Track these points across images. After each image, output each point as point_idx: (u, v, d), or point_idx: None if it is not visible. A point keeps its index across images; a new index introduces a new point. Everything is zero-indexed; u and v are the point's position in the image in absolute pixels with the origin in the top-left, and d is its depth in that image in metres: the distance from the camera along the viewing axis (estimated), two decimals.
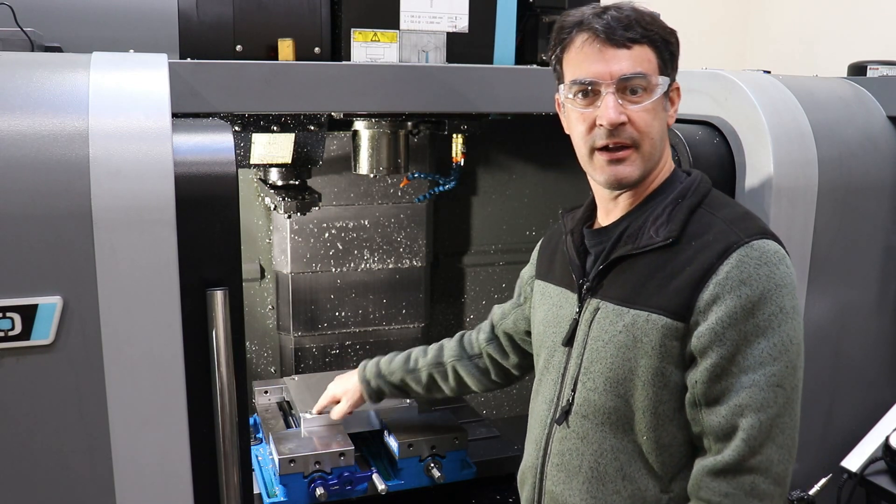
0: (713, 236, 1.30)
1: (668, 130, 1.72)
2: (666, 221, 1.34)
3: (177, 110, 1.38)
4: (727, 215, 1.34)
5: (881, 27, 4.04)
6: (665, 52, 1.36)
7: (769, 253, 1.28)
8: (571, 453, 1.41)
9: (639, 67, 1.32)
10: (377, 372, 1.92)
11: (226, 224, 1.34)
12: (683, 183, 1.40)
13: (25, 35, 1.68)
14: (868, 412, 1.84)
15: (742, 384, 1.26)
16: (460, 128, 2.11)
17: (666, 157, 1.43)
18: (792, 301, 1.29)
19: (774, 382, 1.26)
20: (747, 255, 1.27)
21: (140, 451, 1.31)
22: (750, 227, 1.32)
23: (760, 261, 1.27)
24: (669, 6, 3.06)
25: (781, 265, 1.29)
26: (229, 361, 1.34)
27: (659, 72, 1.35)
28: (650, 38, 1.34)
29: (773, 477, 1.26)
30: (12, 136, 1.21)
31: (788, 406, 1.28)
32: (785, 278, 1.28)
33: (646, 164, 1.36)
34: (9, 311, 1.21)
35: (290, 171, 2.23)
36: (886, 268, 1.84)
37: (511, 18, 1.95)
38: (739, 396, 1.26)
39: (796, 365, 1.29)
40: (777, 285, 1.27)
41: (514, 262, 2.82)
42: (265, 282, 2.58)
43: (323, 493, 1.91)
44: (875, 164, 1.78)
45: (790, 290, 1.29)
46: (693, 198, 1.36)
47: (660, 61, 1.35)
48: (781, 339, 1.27)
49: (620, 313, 1.35)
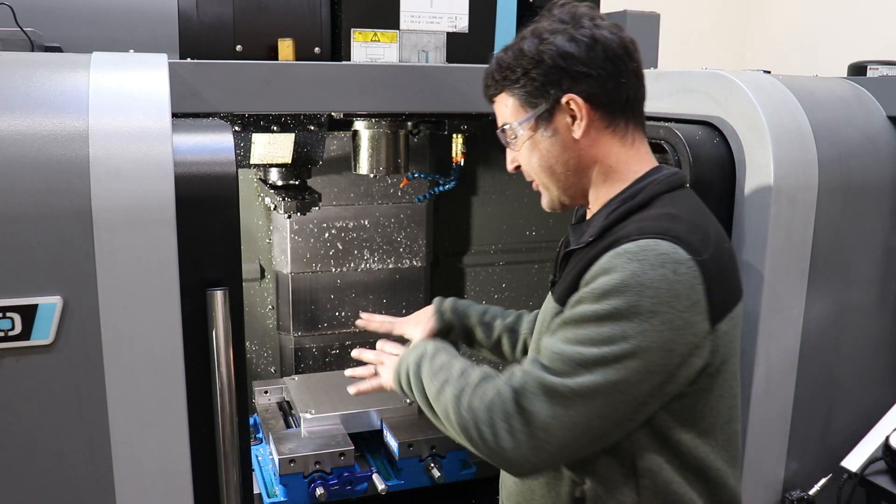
0: (619, 234, 1.28)
1: (665, 128, 1.72)
2: (603, 220, 1.35)
3: (177, 110, 1.38)
4: (649, 215, 1.30)
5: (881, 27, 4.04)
6: (526, 86, 1.35)
7: (649, 251, 1.21)
8: None
9: (501, 119, 1.42)
10: (454, 307, 1.84)
11: (226, 224, 1.34)
12: (640, 183, 1.37)
13: (25, 35, 1.68)
14: (868, 412, 1.84)
15: (552, 346, 1.25)
16: (460, 128, 2.11)
17: (616, 161, 1.38)
18: (655, 306, 1.19)
19: (582, 363, 1.20)
20: (626, 249, 1.23)
21: (140, 451, 1.31)
22: (653, 226, 1.25)
23: (634, 256, 1.21)
24: (669, 6, 3.06)
25: (661, 268, 1.20)
26: (229, 361, 1.34)
27: (524, 109, 1.37)
28: (503, 84, 1.39)
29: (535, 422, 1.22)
30: (12, 136, 1.21)
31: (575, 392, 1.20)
32: (656, 282, 1.19)
33: (553, 194, 1.43)
34: (9, 311, 1.21)
35: (290, 171, 2.23)
36: (886, 268, 1.84)
37: (511, 18, 1.95)
38: (546, 356, 1.25)
39: (622, 365, 1.19)
40: (640, 284, 1.19)
41: (514, 262, 2.82)
42: (265, 282, 2.59)
43: (323, 493, 1.91)
44: (875, 164, 1.78)
45: (656, 294, 1.19)
46: (639, 198, 1.33)
47: (520, 100, 1.37)
48: (614, 331, 1.19)
49: (549, 301, 1.43)
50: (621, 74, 1.34)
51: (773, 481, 1.79)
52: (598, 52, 1.32)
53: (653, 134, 1.76)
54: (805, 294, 1.72)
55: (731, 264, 1.35)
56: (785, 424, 1.76)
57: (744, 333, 1.69)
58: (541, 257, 2.85)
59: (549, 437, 1.22)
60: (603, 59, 1.32)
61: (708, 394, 1.31)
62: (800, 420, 1.77)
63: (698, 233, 1.28)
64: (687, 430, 1.30)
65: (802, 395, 1.76)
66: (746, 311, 1.69)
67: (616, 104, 1.35)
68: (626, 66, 1.34)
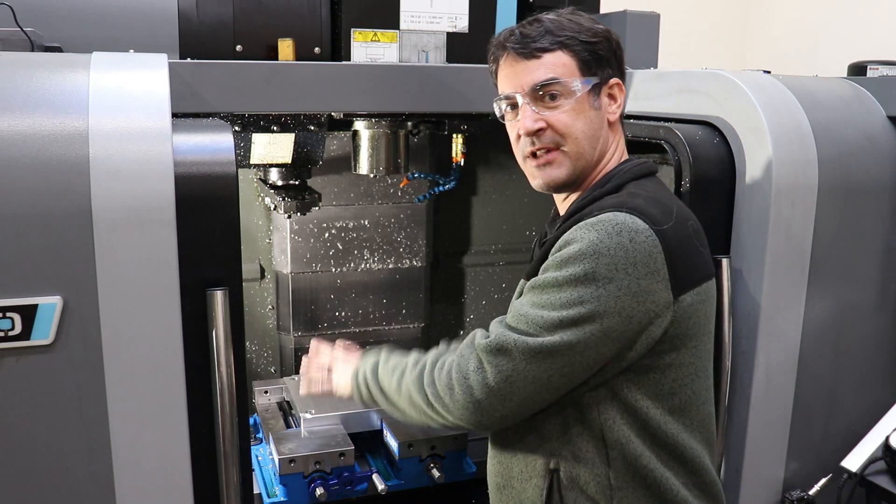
0: (584, 213, 1.34)
1: (665, 128, 1.72)
2: (575, 208, 1.39)
3: (177, 110, 1.38)
4: (611, 198, 1.36)
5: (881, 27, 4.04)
6: (586, 53, 1.39)
7: (607, 222, 1.27)
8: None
9: (550, 73, 1.38)
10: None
11: (226, 224, 1.34)
12: (609, 173, 1.43)
13: (25, 35, 1.68)
14: (868, 412, 1.84)
15: (514, 308, 1.33)
16: (460, 128, 2.11)
17: (612, 153, 1.45)
18: (611, 272, 1.25)
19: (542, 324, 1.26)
20: (586, 223, 1.29)
21: (140, 450, 1.31)
22: (612, 202, 1.32)
23: (592, 227, 1.27)
24: (669, 6, 3.06)
25: (617, 237, 1.25)
26: (229, 361, 1.34)
27: (580, 73, 1.38)
28: (564, 43, 1.38)
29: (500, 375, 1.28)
30: (12, 136, 1.21)
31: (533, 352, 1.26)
32: (611, 249, 1.25)
33: (574, 164, 1.41)
34: (9, 311, 1.21)
35: (290, 171, 2.23)
36: (886, 268, 1.84)
37: (511, 18, 1.95)
38: (509, 317, 1.33)
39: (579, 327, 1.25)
40: (597, 251, 1.25)
41: (514, 262, 2.82)
42: (265, 282, 2.59)
43: (323, 493, 1.91)
44: (875, 164, 1.78)
45: (612, 260, 1.25)
46: (608, 186, 1.39)
47: (580, 63, 1.39)
48: (571, 296, 1.25)
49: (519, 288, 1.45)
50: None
51: (773, 481, 1.79)
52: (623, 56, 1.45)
53: (653, 134, 1.76)
54: (805, 294, 1.72)
55: (696, 240, 1.38)
56: (785, 424, 1.76)
57: (744, 333, 1.70)
58: None
59: (512, 389, 1.29)
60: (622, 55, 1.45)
61: (677, 370, 1.34)
62: (800, 420, 1.77)
63: (658, 206, 1.32)
64: (657, 406, 1.33)
65: (802, 395, 1.76)
66: (746, 311, 1.69)
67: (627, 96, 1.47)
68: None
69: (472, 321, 2.83)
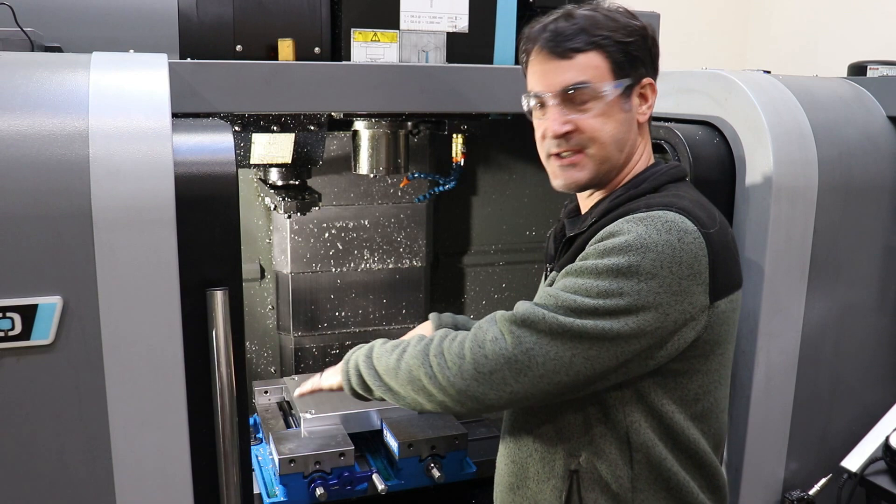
0: (623, 213, 1.32)
1: (665, 128, 1.72)
2: (606, 205, 1.37)
3: (177, 110, 1.38)
4: (654, 198, 1.33)
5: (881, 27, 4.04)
6: (620, 54, 1.35)
7: (656, 219, 1.25)
8: (508, 412, 1.50)
9: (581, 76, 1.34)
10: (454, 322, 1.82)
11: (226, 224, 1.34)
12: (645, 173, 1.40)
13: (25, 35, 1.68)
14: (868, 412, 1.84)
15: (549, 291, 1.28)
16: (460, 128, 2.11)
17: (639, 153, 1.42)
18: (654, 268, 1.22)
19: (576, 308, 1.23)
20: (632, 217, 1.27)
21: (140, 451, 1.31)
22: (663, 201, 1.31)
23: (640, 221, 1.25)
24: (669, 6, 3.06)
25: (666, 234, 1.23)
26: (229, 361, 1.34)
27: (613, 76, 1.35)
28: (598, 43, 1.34)
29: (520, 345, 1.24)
30: (12, 136, 1.21)
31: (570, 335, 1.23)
32: (659, 246, 1.23)
33: (598, 167, 1.38)
34: (9, 311, 1.21)
35: (290, 171, 2.23)
36: (886, 268, 1.84)
37: (511, 18, 1.95)
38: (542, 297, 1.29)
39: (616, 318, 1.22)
40: (643, 245, 1.22)
41: (514, 262, 2.82)
42: (265, 282, 2.58)
43: (323, 493, 1.91)
44: (875, 164, 1.78)
45: (658, 257, 1.22)
46: (643, 186, 1.37)
47: (612, 65, 1.34)
48: (610, 286, 1.22)
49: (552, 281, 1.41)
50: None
51: (773, 481, 1.79)
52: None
53: (653, 134, 1.75)
54: (805, 294, 1.72)
55: (734, 248, 1.37)
56: (785, 424, 1.76)
57: (744, 333, 1.70)
58: (541, 257, 2.85)
59: (529, 363, 1.24)
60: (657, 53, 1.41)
61: (703, 376, 1.33)
62: (800, 420, 1.77)
63: (703, 211, 1.32)
64: (681, 411, 1.32)
65: (802, 395, 1.76)
66: (746, 311, 1.69)
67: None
68: None
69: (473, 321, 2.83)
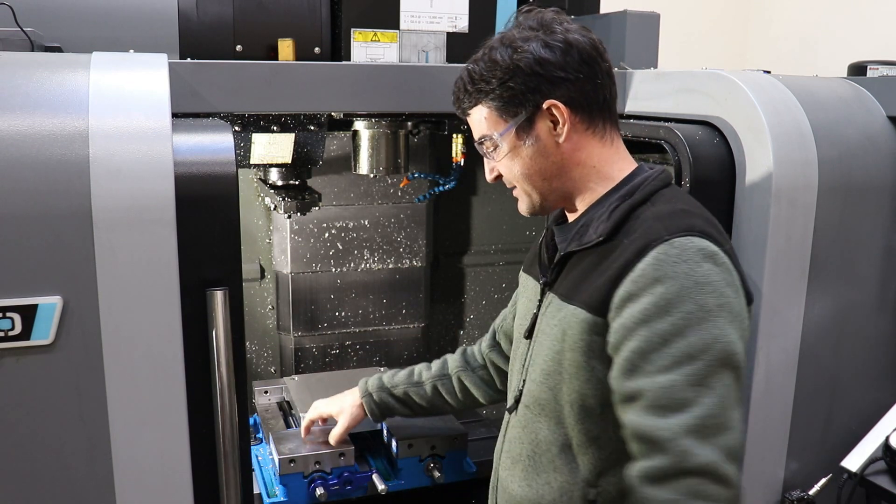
0: (640, 233, 1.29)
1: (665, 128, 1.72)
2: (606, 219, 1.35)
3: (177, 110, 1.38)
4: (661, 211, 1.31)
5: (881, 27, 4.04)
6: (500, 100, 1.36)
7: (690, 250, 1.24)
8: (515, 441, 1.48)
9: (479, 131, 1.41)
10: (380, 385, 1.89)
11: (226, 224, 1.34)
12: (634, 181, 1.39)
13: (25, 35, 1.68)
14: (868, 412, 1.84)
15: (660, 384, 1.19)
16: (460, 128, 2.11)
17: (597, 164, 1.39)
18: (718, 299, 1.22)
19: (695, 382, 1.18)
20: (665, 252, 1.24)
21: (140, 451, 1.31)
22: (677, 223, 1.28)
23: (679, 258, 1.23)
24: (669, 6, 3.06)
25: (706, 262, 1.23)
26: (229, 361, 1.34)
27: (503, 120, 1.37)
28: (478, 97, 1.38)
29: (719, 478, 1.17)
30: (12, 136, 1.21)
31: (721, 405, 1.19)
32: (709, 276, 1.23)
33: (532, 198, 1.43)
34: (9, 311, 1.21)
35: (290, 171, 2.23)
36: (886, 268, 1.84)
37: (511, 19, 1.95)
38: (658, 397, 1.19)
39: (726, 363, 1.20)
40: (697, 283, 1.22)
41: (514, 262, 2.82)
42: (265, 282, 2.59)
43: (323, 493, 1.91)
44: (875, 164, 1.78)
45: (715, 287, 1.22)
46: (638, 195, 1.35)
47: (496, 111, 1.37)
48: (702, 337, 1.19)
49: (560, 307, 1.38)
50: (597, 76, 1.36)
51: (773, 481, 1.79)
52: (574, 55, 1.33)
53: (653, 134, 1.76)
54: (805, 294, 1.71)
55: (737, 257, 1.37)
56: (785, 424, 1.76)
57: None
58: None
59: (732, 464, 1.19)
60: (579, 63, 1.34)
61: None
62: (800, 420, 1.77)
63: (712, 225, 1.31)
64: None
65: (802, 395, 1.76)
66: None
67: (594, 106, 1.37)
68: (600, 67, 1.36)
69: (472, 321, 2.83)
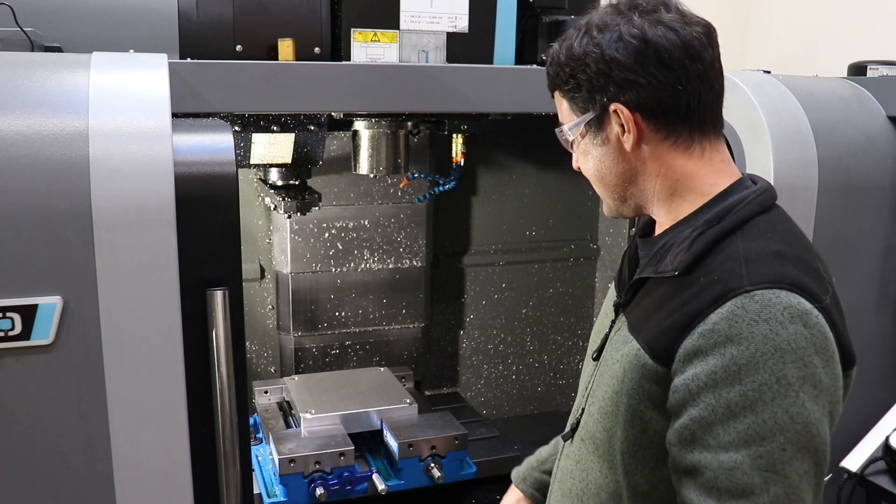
0: (720, 275, 1.09)
1: None
2: (686, 249, 1.15)
3: (177, 110, 1.38)
4: (749, 250, 1.11)
5: (881, 27, 4.04)
6: (573, 90, 1.22)
7: (774, 307, 1.04)
8: (567, 474, 1.34)
9: (560, 118, 1.29)
10: (531, 465, 1.67)
11: (226, 224, 1.34)
12: (727, 201, 1.17)
13: (25, 35, 1.68)
14: (868, 412, 1.84)
15: (722, 463, 1.03)
16: (460, 128, 2.11)
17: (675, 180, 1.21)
18: (802, 370, 1.03)
19: (764, 466, 1.02)
20: (743, 306, 1.05)
21: (140, 450, 1.31)
22: (764, 271, 1.07)
23: (759, 316, 1.03)
24: None
25: (792, 324, 1.03)
26: (229, 361, 1.34)
27: (575, 113, 1.24)
28: (555, 83, 1.26)
29: None
30: (12, 136, 1.21)
31: (792, 497, 1.03)
32: (794, 341, 1.03)
33: (607, 203, 1.29)
34: (9, 311, 1.21)
35: (290, 171, 2.23)
36: (886, 268, 1.84)
37: (511, 18, 1.95)
38: (718, 478, 1.03)
39: (804, 447, 1.03)
40: (777, 349, 1.02)
41: (514, 262, 2.82)
42: (265, 282, 2.59)
43: (323, 493, 1.91)
44: (875, 164, 1.78)
45: (800, 356, 1.03)
46: (727, 221, 1.15)
47: (571, 102, 1.24)
48: (776, 414, 1.02)
49: (627, 339, 1.20)
50: (679, 80, 1.14)
51: None
52: (649, 55, 1.13)
53: None
54: None
55: (841, 308, 1.16)
56: None
57: None
58: (541, 257, 2.85)
59: None
60: (655, 65, 1.14)
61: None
62: None
63: (811, 273, 1.11)
64: None
65: None
66: None
67: (674, 114, 1.17)
68: (685, 71, 1.14)
69: (472, 321, 2.83)
